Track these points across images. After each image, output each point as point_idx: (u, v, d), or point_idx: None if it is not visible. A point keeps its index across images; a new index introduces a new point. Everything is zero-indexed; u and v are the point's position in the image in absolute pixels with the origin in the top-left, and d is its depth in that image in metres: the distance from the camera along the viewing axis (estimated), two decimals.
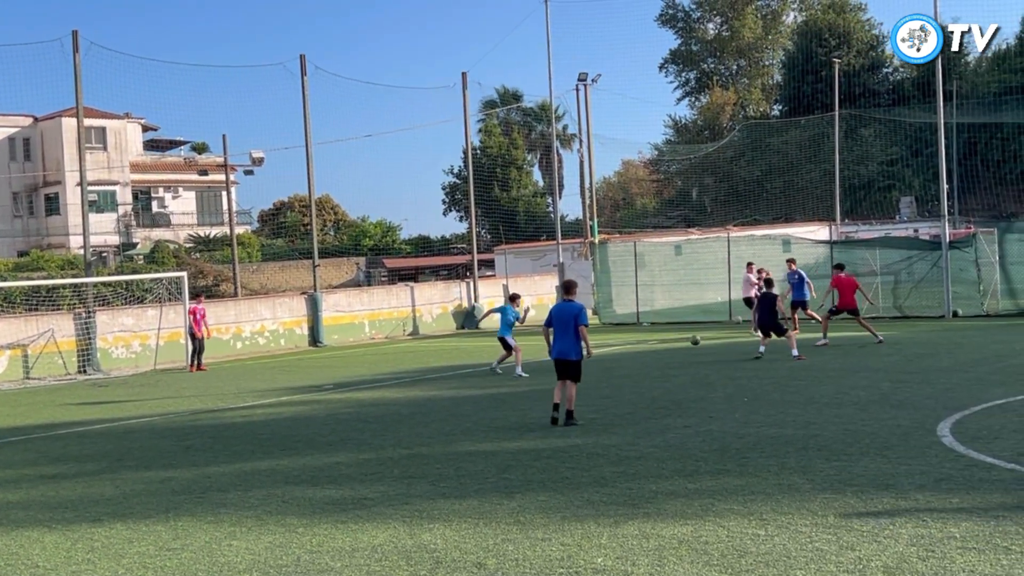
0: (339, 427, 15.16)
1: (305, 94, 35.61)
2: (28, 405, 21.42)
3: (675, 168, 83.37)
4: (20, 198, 66.45)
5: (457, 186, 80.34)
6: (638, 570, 7.12)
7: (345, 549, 8.16)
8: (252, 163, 44.87)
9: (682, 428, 12.98)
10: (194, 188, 70.56)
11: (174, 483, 11.43)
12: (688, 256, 37.70)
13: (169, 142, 77.67)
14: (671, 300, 36.27)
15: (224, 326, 32.92)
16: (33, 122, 66.35)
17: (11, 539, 9.16)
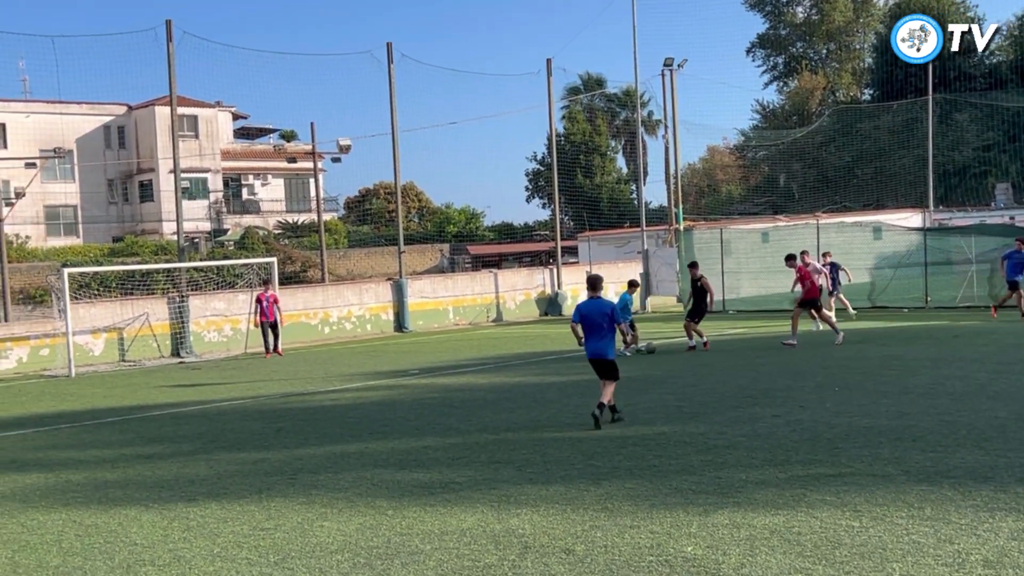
0: (425, 412, 15.28)
1: (391, 82, 35.87)
2: (124, 387, 21.99)
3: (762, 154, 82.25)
4: (115, 185, 68.21)
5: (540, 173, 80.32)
6: (729, 560, 7.05)
7: (434, 532, 8.22)
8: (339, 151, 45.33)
9: (771, 417, 12.81)
10: (282, 175, 71.66)
11: (266, 464, 11.64)
12: (775, 243, 37.11)
13: (258, 130, 78.99)
14: (758, 288, 35.79)
15: (312, 311, 33.41)
16: (127, 111, 68.01)
17: (110, 517, 9.41)
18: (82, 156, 64.91)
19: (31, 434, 15.42)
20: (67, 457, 12.99)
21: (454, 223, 71.62)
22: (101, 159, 66.17)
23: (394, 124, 36.03)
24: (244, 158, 71.61)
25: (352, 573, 7.24)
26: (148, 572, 7.55)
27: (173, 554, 8.02)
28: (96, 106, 67.00)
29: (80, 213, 66.22)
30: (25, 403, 19.72)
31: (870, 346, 21.27)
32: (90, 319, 28.45)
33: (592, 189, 72.09)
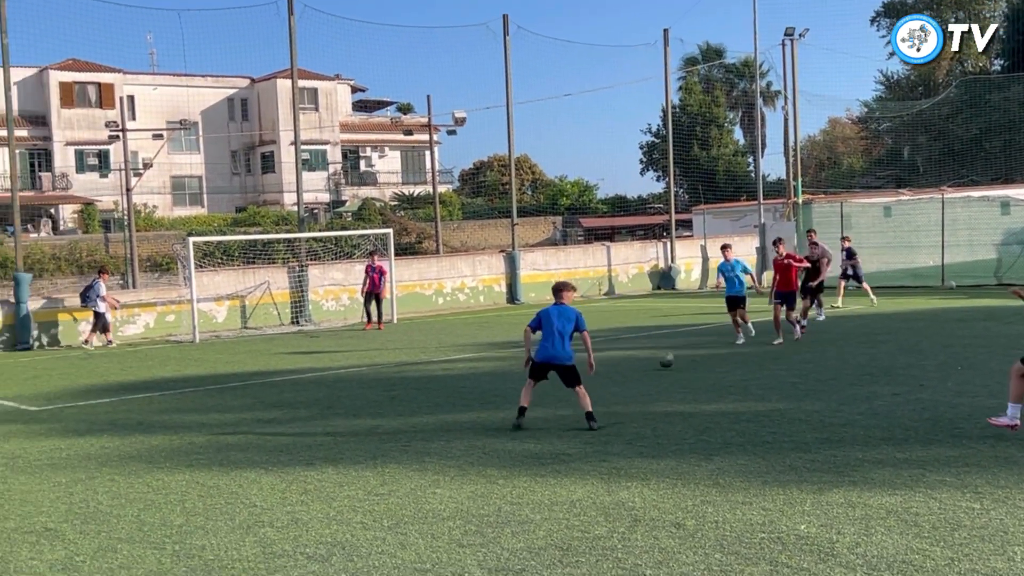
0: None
1: (507, 54, 35.91)
2: (245, 353, 22.62)
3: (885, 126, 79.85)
4: (238, 156, 69.96)
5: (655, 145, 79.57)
6: (843, 539, 6.93)
7: (544, 502, 8.28)
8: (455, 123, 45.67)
9: (890, 396, 12.51)
10: (399, 148, 72.51)
11: (381, 431, 11.86)
12: (898, 218, 36.16)
13: (376, 103, 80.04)
14: (879, 263, 34.87)
15: (426, 282, 33.82)
16: (250, 83, 69.59)
17: (230, 479, 9.72)
18: (206, 128, 66.74)
19: (157, 397, 15.99)
20: (191, 420, 13.45)
21: (567, 195, 71.52)
22: (225, 131, 67.93)
23: (509, 96, 36.11)
24: (362, 130, 72.66)
25: (463, 540, 7.35)
26: (267, 533, 7.78)
27: (291, 516, 8.24)
28: (220, 79, 68.74)
29: (204, 184, 68.16)
30: (151, 367, 20.45)
31: (996, 324, 20.58)
32: (214, 287, 29.31)
33: (708, 161, 71.13)
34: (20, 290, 25.97)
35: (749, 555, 6.71)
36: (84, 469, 10.48)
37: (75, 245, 50.73)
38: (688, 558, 6.71)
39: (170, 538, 7.77)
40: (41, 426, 13.52)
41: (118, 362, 21.81)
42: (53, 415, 14.51)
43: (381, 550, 7.21)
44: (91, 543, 7.73)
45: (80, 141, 61.67)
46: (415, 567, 6.80)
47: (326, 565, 6.93)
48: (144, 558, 7.29)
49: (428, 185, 65.84)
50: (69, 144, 61.55)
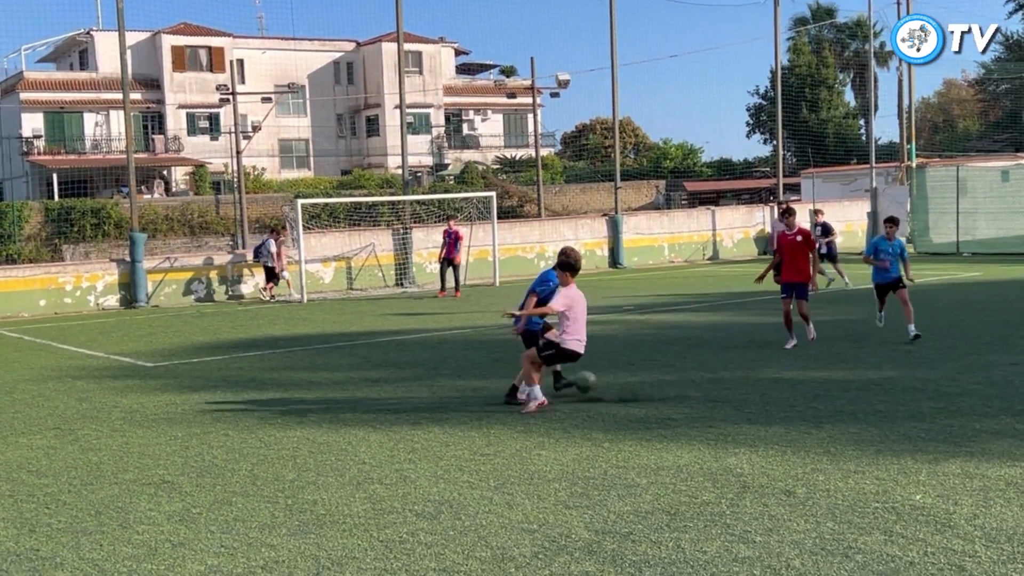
0: (640, 348, 15.26)
1: (612, 14, 35.51)
2: (352, 314, 22.97)
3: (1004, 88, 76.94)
4: (344, 120, 70.72)
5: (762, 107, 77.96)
6: (961, 510, 6.74)
7: (650, 466, 8.23)
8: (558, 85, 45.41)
9: (1008, 365, 12.11)
10: (501, 111, 72.44)
11: (485, 392, 11.93)
12: (1017, 183, 34.86)
13: (479, 66, 79.99)
14: (995, 230, 33.76)
15: (528, 245, 33.83)
16: (356, 47, 70.17)
17: (340, 436, 9.88)
18: (313, 91, 67.57)
19: (267, 355, 16.35)
20: (300, 378, 13.72)
21: (671, 159, 70.60)
22: (331, 94, 68.70)
23: (614, 58, 35.72)
24: (465, 94, 72.77)
25: (569, 502, 7.35)
26: (376, 489, 7.89)
27: (399, 474, 8.35)
28: (326, 42, 69.47)
29: (311, 147, 69.12)
30: (262, 326, 20.90)
31: None
32: (320, 248, 29.78)
33: (817, 124, 69.46)
34: (136, 249, 26.77)
35: (862, 524, 6.57)
36: (199, 424, 10.77)
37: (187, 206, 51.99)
38: (799, 526, 6.60)
39: (283, 492, 7.94)
40: (157, 382, 13.94)
41: (229, 320, 22.35)
42: (168, 371, 14.95)
43: (488, 509, 7.26)
44: (207, 496, 7.95)
45: (191, 104, 63.03)
46: (522, 527, 6.83)
47: (434, 522, 7.00)
48: (258, 511, 7.46)
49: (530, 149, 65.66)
50: (181, 107, 62.96)
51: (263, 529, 7.03)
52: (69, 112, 60.26)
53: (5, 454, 9.76)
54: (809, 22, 77.36)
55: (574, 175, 68.56)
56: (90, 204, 48.71)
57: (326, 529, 6.97)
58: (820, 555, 6.06)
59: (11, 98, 60.03)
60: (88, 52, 63.95)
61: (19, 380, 14.63)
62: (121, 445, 9.91)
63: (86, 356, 17.17)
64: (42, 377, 14.82)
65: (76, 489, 8.31)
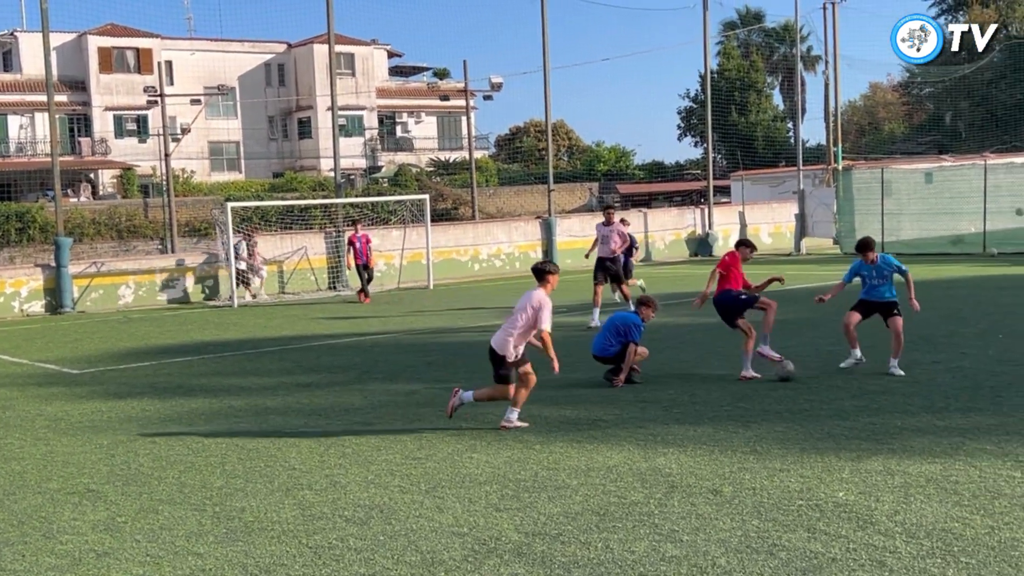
0: (574, 350, 15.32)
1: (544, 18, 35.63)
2: (283, 317, 22.77)
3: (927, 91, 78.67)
4: (275, 122, 70.11)
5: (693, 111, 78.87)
6: (882, 507, 6.89)
7: (581, 468, 8.29)
8: (491, 88, 45.44)
9: (930, 364, 12.40)
10: (435, 113, 72.36)
11: (418, 396, 11.91)
12: (940, 184, 35.66)
13: (412, 68, 79.86)
14: (919, 230, 34.50)
15: (462, 248, 33.81)
16: (287, 48, 69.61)
17: (270, 442, 9.80)
18: (244, 93, 66.90)
19: (196, 361, 16.15)
20: (230, 384, 13.58)
21: (604, 161, 71.11)
22: (262, 96, 68.05)
23: (546, 61, 35.87)
24: (398, 96, 72.56)
25: (500, 504, 7.38)
26: (305, 496, 7.85)
27: (329, 479, 8.31)
28: (257, 44, 68.84)
29: (242, 149, 68.40)
30: (190, 331, 20.64)
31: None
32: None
33: (746, 127, 70.42)
34: (61, 254, 26.26)
35: (787, 522, 6.69)
36: (125, 431, 10.61)
37: (114, 210, 51.19)
38: (725, 524, 6.70)
39: (210, 500, 7.86)
40: (83, 389, 13.71)
41: (157, 326, 22.03)
42: (94, 378, 14.70)
43: (419, 513, 7.26)
44: (133, 504, 7.84)
45: (119, 106, 62.05)
46: (452, 530, 6.84)
47: (364, 528, 6.98)
48: (185, 519, 7.38)
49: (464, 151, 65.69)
50: (108, 109, 61.94)
51: (190, 537, 6.96)
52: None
53: None
54: (738, 26, 78.44)
55: (508, 178, 68.73)
56: (15, 208, 47.73)
57: (254, 536, 6.92)
58: (745, 553, 6.16)
59: None
60: (12, 53, 62.64)
61: None
62: (45, 454, 9.73)
63: (10, 363, 16.81)
64: None
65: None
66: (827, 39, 41.81)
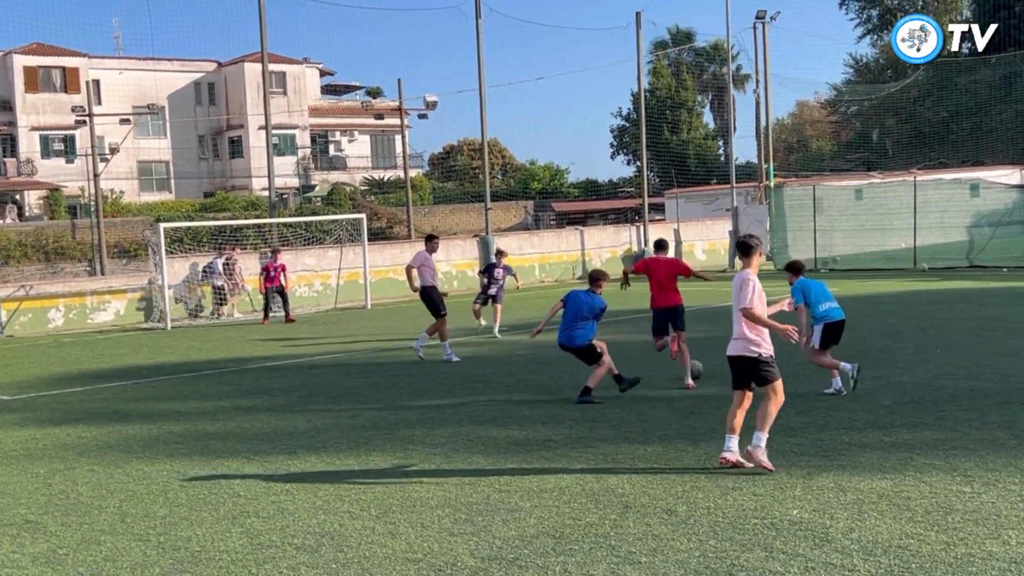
0: (516, 369, 15.29)
1: (479, 37, 35.72)
2: (219, 340, 22.40)
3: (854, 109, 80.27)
4: (205, 141, 69.22)
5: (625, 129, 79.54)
6: (837, 524, 6.91)
7: (533, 489, 8.21)
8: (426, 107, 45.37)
9: (871, 379, 12.54)
10: (369, 132, 71.99)
11: (362, 419, 11.75)
12: (870, 201, 36.37)
13: (345, 87, 79.45)
14: (852, 247, 35.09)
15: (400, 267, 33.49)
16: (217, 67, 68.83)
17: (213, 468, 9.58)
18: (173, 112, 65.97)
19: (131, 385, 15.79)
20: (167, 408, 13.27)
21: (538, 180, 71.31)
22: (192, 115, 67.17)
23: (481, 80, 35.92)
24: (331, 115, 72.10)
25: (454, 528, 7.26)
26: (253, 524, 7.66)
27: (276, 506, 8.13)
28: (187, 63, 67.95)
29: (172, 169, 67.40)
30: (124, 355, 20.20)
31: (970, 306, 20.72)
32: (184, 273, 28.97)
33: (678, 145, 71.17)
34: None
35: (744, 541, 6.67)
36: (62, 459, 10.30)
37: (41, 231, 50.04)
38: (682, 545, 6.66)
39: (154, 529, 7.64)
40: (15, 415, 13.31)
41: (89, 350, 21.53)
42: (27, 404, 14.29)
43: (371, 540, 7.12)
44: (73, 535, 7.59)
45: (45, 126, 60.80)
46: (406, 556, 6.72)
47: (315, 555, 6.83)
48: (129, 550, 7.15)
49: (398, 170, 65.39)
50: (34, 129, 60.66)
51: (135, 569, 6.75)
52: None
53: None
54: (669, 45, 79.36)
55: (443, 196, 68.61)
56: None
57: (202, 567, 6.73)
58: (704, 573, 6.13)
59: None
60: None
61: None
62: None
63: None
64: None
65: None
66: (758, 58, 42.50)
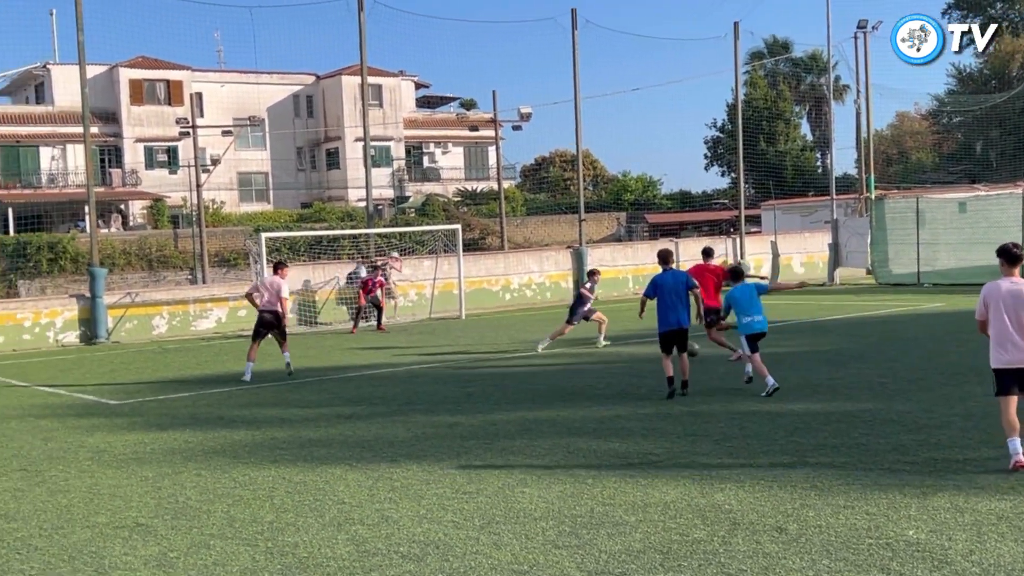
0: (615, 380, 15.17)
1: (575, 48, 35.66)
2: (318, 348, 22.68)
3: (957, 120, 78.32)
4: (303, 152, 70.47)
5: (720, 140, 78.77)
6: (956, 546, 6.67)
7: (637, 504, 8.10)
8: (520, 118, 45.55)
9: (984, 396, 12.07)
10: (462, 143, 72.54)
11: (461, 428, 11.76)
12: (974, 214, 35.33)
13: (440, 99, 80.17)
14: (956, 260, 34.10)
15: (494, 278, 33.73)
16: (315, 80, 70.05)
17: (317, 475, 9.66)
18: (273, 124, 67.30)
19: (235, 392, 16.07)
20: (271, 415, 13.47)
21: (631, 191, 71.02)
22: (290, 127, 68.45)
23: (577, 91, 35.86)
24: (425, 127, 72.84)
25: (558, 541, 7.20)
26: (358, 531, 7.70)
27: (380, 514, 8.15)
28: (286, 75, 69.31)
29: (271, 180, 68.74)
30: (226, 362, 20.58)
31: None
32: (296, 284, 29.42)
33: (775, 156, 70.20)
34: (96, 284, 26.33)
35: (858, 561, 6.48)
36: (169, 463, 10.51)
37: (145, 240, 51.50)
38: (794, 564, 6.50)
39: (262, 535, 7.72)
40: (124, 420, 13.63)
41: (193, 356, 21.99)
42: (134, 409, 14.63)
43: (475, 550, 7.09)
44: (183, 539, 7.71)
45: (149, 138, 62.52)
46: (512, 568, 6.67)
47: (421, 564, 6.82)
48: (238, 555, 7.24)
49: (490, 181, 65.75)
50: (139, 141, 62.42)
51: (244, 573, 6.82)
52: (25, 146, 59.60)
53: None
54: (765, 56, 78.38)
55: (535, 207, 68.76)
56: (46, 238, 48.10)
57: (309, 573, 6.77)
58: None
59: None
60: (44, 86, 63.31)
61: None
62: (90, 486, 9.62)
63: (48, 394, 16.79)
64: (3, 416, 14.44)
65: (47, 533, 8.04)
66: (858, 68, 41.68)
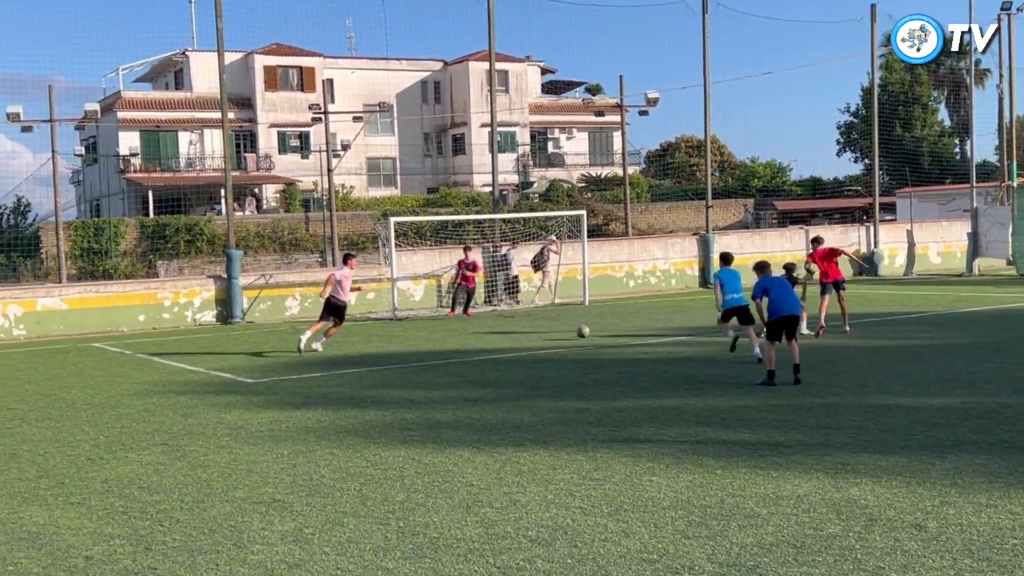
0: (744, 370, 14.94)
1: (705, 32, 35.14)
2: (444, 331, 22.94)
3: None
4: (430, 138, 71.22)
5: (853, 125, 76.64)
6: None
7: (769, 496, 7.97)
8: (647, 103, 44.97)
9: None
10: (587, 129, 72.29)
11: (587, 415, 11.74)
12: None
13: (565, 84, 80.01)
14: None
15: (618, 264, 33.58)
16: (443, 66, 70.67)
17: (445, 457, 9.78)
18: (401, 110, 68.20)
19: (365, 373, 16.38)
20: (400, 396, 13.69)
21: (758, 177, 69.70)
22: (418, 113, 69.25)
23: (706, 75, 35.33)
24: (551, 112, 72.81)
25: (688, 531, 7.13)
26: (487, 513, 7.76)
27: (509, 497, 8.21)
28: (414, 62, 70.10)
29: (398, 165, 69.72)
30: (355, 343, 20.99)
31: None
32: (411, 266, 29.87)
33: (911, 142, 68.00)
34: (232, 266, 27.16)
35: (1003, 562, 6.25)
36: (304, 442, 10.77)
37: (277, 223, 52.81)
38: (935, 562, 6.30)
39: (393, 514, 7.85)
40: (259, 398, 14.03)
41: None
42: (269, 387, 15.05)
43: (604, 537, 7.08)
44: (318, 515, 7.90)
45: (282, 123, 64.02)
46: (641, 556, 6.64)
47: (550, 549, 6.84)
48: (371, 533, 7.38)
49: (615, 167, 65.39)
50: (272, 126, 63.99)
51: (377, 552, 6.95)
52: (164, 131, 61.65)
53: (116, 469, 9.85)
54: None
55: (660, 193, 68.13)
56: (184, 221, 49.75)
57: (440, 553, 6.86)
58: None
59: (109, 117, 61.55)
60: (183, 72, 65.38)
61: (123, 395, 14.85)
62: (229, 462, 9.93)
63: (187, 371, 17.39)
64: (145, 392, 15.02)
65: (188, 506, 8.33)
66: (1002, 51, 40.00)
